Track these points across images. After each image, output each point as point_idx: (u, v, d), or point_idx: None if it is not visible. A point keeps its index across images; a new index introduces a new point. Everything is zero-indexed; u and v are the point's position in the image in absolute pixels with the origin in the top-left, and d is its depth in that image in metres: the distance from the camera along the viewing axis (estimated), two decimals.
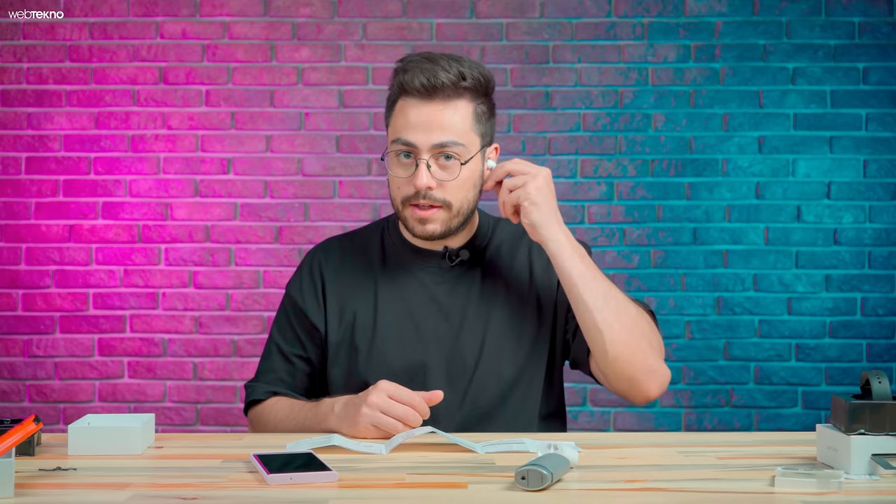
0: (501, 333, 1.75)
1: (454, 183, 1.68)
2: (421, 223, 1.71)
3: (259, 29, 3.47)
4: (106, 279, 3.46)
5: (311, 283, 1.84)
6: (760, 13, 3.46)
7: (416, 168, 1.68)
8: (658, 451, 1.49)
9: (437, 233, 1.72)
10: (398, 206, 1.73)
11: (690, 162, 3.46)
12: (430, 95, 1.66)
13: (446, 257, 1.78)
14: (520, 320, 1.77)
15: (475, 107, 1.70)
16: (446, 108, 1.67)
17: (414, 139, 1.67)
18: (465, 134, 1.68)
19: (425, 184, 1.66)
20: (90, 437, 1.45)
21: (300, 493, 1.23)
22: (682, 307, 3.45)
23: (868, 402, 1.29)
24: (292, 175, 3.47)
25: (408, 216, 1.72)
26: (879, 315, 3.44)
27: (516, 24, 3.47)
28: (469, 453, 1.46)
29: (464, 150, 1.68)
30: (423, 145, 1.67)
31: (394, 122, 1.71)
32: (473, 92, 1.69)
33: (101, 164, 3.47)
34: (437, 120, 1.67)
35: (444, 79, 1.66)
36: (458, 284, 1.78)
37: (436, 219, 1.70)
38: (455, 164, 1.68)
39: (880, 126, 3.45)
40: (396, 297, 1.78)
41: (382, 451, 1.45)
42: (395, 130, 1.71)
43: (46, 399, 3.45)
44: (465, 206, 1.72)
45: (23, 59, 3.46)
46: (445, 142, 1.66)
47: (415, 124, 1.67)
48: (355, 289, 1.80)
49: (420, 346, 1.75)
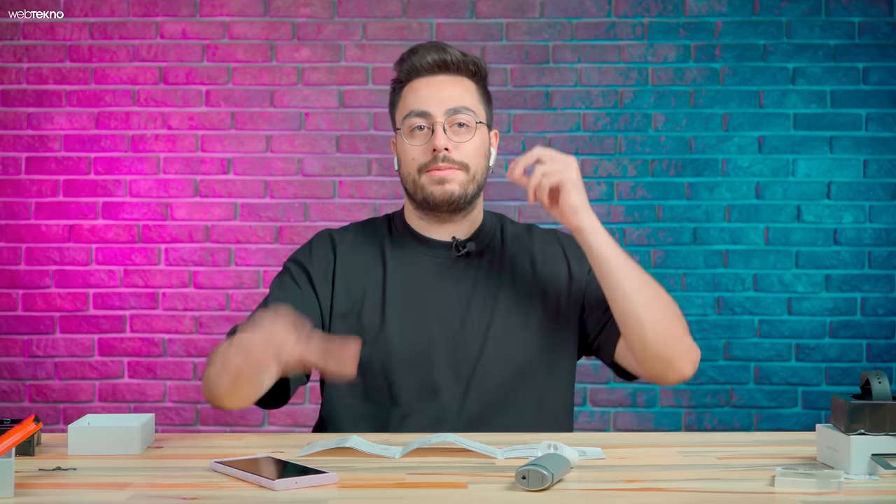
0: (507, 322, 1.75)
1: (469, 145, 1.73)
2: (440, 184, 1.72)
3: (259, 29, 3.47)
4: (106, 279, 3.46)
5: (322, 255, 1.80)
6: (760, 13, 3.46)
7: (432, 134, 1.72)
8: (658, 451, 1.49)
9: (455, 194, 1.73)
10: (414, 175, 1.75)
11: (690, 162, 3.46)
12: (441, 69, 1.75)
13: (453, 247, 1.78)
14: (526, 311, 1.76)
15: (478, 87, 1.79)
16: (455, 81, 1.76)
17: (428, 107, 1.73)
18: (475, 105, 1.76)
19: (443, 144, 1.71)
20: (90, 437, 1.45)
21: (300, 492, 1.23)
22: (682, 307, 3.41)
23: (868, 402, 1.29)
24: (292, 175, 3.47)
25: (425, 182, 1.74)
26: (879, 315, 3.44)
27: (516, 24, 3.47)
28: (469, 453, 1.45)
29: (475, 117, 1.75)
30: (437, 111, 1.72)
31: (403, 103, 1.77)
32: (477, 76, 1.78)
33: (101, 164, 3.47)
34: (448, 89, 1.74)
35: (452, 56, 1.75)
36: (464, 274, 1.78)
37: (454, 178, 1.73)
38: (469, 129, 1.74)
39: (880, 126, 3.45)
40: (404, 282, 1.77)
41: (396, 454, 1.43)
42: (405, 108, 1.76)
43: (46, 399, 3.45)
44: (479, 172, 1.76)
45: (23, 59, 3.46)
46: (458, 107, 1.73)
47: (426, 96, 1.74)
48: (365, 271, 1.79)
49: (425, 333, 1.73)
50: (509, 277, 1.79)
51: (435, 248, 1.79)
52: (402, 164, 1.77)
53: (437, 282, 1.77)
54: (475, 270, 1.79)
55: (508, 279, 1.79)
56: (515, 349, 1.74)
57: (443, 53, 1.75)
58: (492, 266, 1.80)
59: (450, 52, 1.76)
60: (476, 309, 1.75)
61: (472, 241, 1.79)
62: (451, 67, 1.76)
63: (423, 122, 1.73)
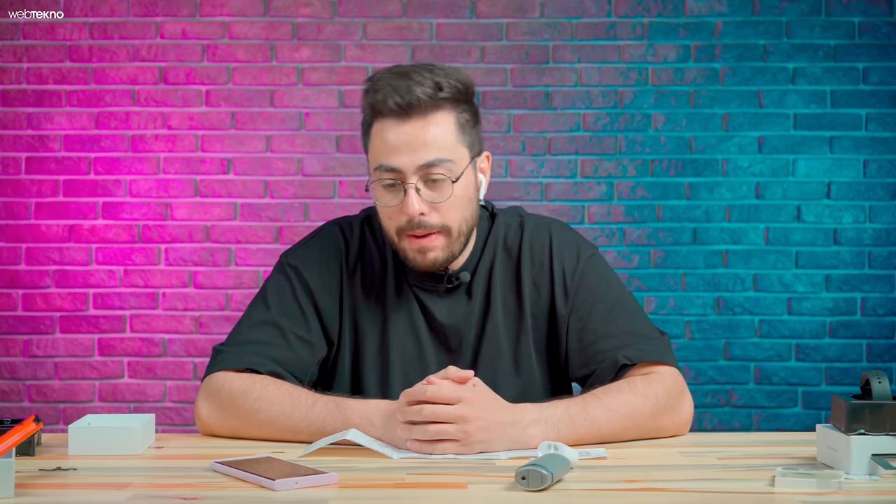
0: (498, 356, 1.67)
1: (448, 204, 1.56)
2: (421, 253, 1.58)
3: (259, 29, 3.47)
4: (106, 279, 3.46)
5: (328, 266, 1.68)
6: (760, 13, 3.46)
7: (404, 194, 1.55)
8: (658, 451, 1.48)
9: (439, 260, 1.59)
10: (393, 238, 1.60)
11: (690, 162, 3.46)
12: (407, 113, 1.53)
13: (444, 279, 1.67)
14: (516, 343, 1.68)
15: (457, 116, 1.57)
16: (427, 123, 1.54)
17: (397, 163, 1.54)
18: (452, 148, 1.56)
19: (417, 210, 1.54)
20: (90, 437, 1.44)
21: (300, 492, 1.23)
22: (682, 307, 3.46)
23: (868, 402, 1.29)
24: (292, 175, 3.47)
25: (406, 248, 1.59)
26: (879, 315, 3.44)
27: (516, 24, 3.47)
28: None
29: (453, 166, 1.55)
30: (409, 168, 1.54)
31: (372, 147, 1.59)
32: (453, 102, 1.56)
33: (101, 164, 3.47)
34: (418, 138, 1.53)
35: (420, 93, 1.52)
36: (455, 306, 1.68)
37: (435, 245, 1.58)
38: (446, 184, 1.55)
39: (880, 126, 3.45)
40: (403, 313, 1.68)
41: (393, 455, 1.42)
42: (375, 157, 1.58)
43: (46, 399, 3.45)
44: (464, 226, 1.60)
45: (23, 59, 3.46)
46: (432, 160, 1.54)
47: (396, 147, 1.54)
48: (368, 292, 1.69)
49: (420, 368, 1.66)
50: (500, 306, 1.68)
51: (427, 277, 1.67)
52: (381, 218, 1.61)
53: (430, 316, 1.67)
54: (465, 301, 1.68)
55: (499, 308, 1.68)
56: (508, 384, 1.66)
57: (408, 92, 1.52)
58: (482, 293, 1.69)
59: (417, 88, 1.52)
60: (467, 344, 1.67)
61: (465, 272, 1.67)
62: (421, 105, 1.53)
63: (393, 179, 1.55)
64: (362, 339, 1.68)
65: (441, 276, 1.67)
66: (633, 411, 1.52)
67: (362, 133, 1.63)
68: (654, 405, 1.54)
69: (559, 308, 1.68)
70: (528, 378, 1.69)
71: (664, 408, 1.56)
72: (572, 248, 1.70)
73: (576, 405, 1.50)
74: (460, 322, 1.68)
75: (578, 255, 1.70)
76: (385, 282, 1.69)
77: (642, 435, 1.55)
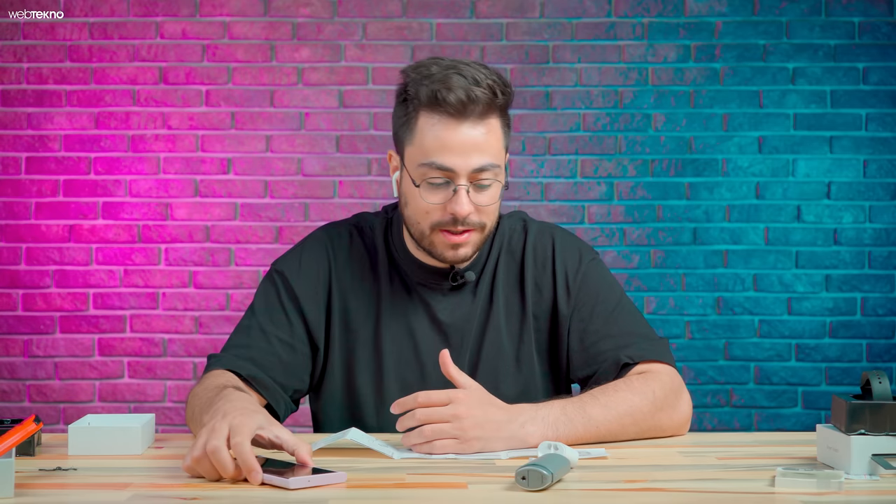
0: (499, 355, 1.69)
1: (492, 206, 1.59)
2: (453, 248, 1.59)
3: (259, 29, 3.47)
4: (106, 279, 3.46)
5: (314, 272, 1.69)
6: (760, 13, 3.46)
7: (454, 194, 1.55)
8: (658, 451, 1.48)
9: (468, 256, 1.61)
10: (424, 230, 1.59)
11: (690, 162, 3.46)
12: (463, 114, 1.53)
13: (450, 277, 1.67)
14: (518, 342, 1.70)
15: (502, 121, 1.59)
16: (480, 126, 1.55)
17: (451, 163, 1.54)
18: (499, 153, 1.58)
19: (468, 211, 1.55)
20: (90, 437, 1.45)
21: (300, 492, 1.23)
22: (682, 307, 3.46)
23: (868, 402, 1.29)
24: (292, 175, 3.47)
25: (437, 242, 1.59)
26: (879, 315, 3.44)
27: (516, 24, 3.47)
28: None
29: (499, 172, 1.58)
30: (462, 170, 1.54)
31: (420, 141, 1.56)
32: (502, 107, 1.59)
33: (101, 164, 3.47)
34: (474, 142, 1.54)
35: (480, 95, 1.53)
36: (459, 305, 1.69)
37: (469, 242, 1.59)
38: (493, 187, 1.57)
39: (880, 126, 3.45)
40: (398, 312, 1.69)
41: (394, 455, 1.42)
42: (424, 152, 1.55)
43: (46, 399, 3.45)
44: (494, 225, 1.66)
45: (23, 59, 3.46)
46: (485, 165, 1.55)
47: (451, 147, 1.53)
48: (358, 294, 1.70)
49: (417, 367, 1.68)
50: (503, 305, 1.70)
51: (432, 274, 1.68)
52: (411, 210, 1.60)
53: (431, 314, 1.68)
54: (469, 299, 1.69)
55: (502, 308, 1.70)
56: (509, 382, 1.68)
57: (471, 93, 1.52)
58: (486, 292, 1.70)
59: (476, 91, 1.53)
60: (469, 342, 1.68)
61: (470, 272, 1.68)
62: (479, 107, 1.53)
63: (443, 178, 1.55)
64: (354, 340, 1.69)
65: (446, 274, 1.68)
66: (630, 409, 1.53)
67: (400, 120, 1.60)
68: (651, 402, 1.55)
69: (561, 309, 1.69)
70: (529, 377, 1.70)
71: (662, 405, 1.56)
72: (574, 252, 1.73)
73: (573, 404, 1.51)
74: (463, 320, 1.69)
75: (580, 259, 1.72)
76: (378, 283, 1.70)
77: (641, 433, 1.55)
